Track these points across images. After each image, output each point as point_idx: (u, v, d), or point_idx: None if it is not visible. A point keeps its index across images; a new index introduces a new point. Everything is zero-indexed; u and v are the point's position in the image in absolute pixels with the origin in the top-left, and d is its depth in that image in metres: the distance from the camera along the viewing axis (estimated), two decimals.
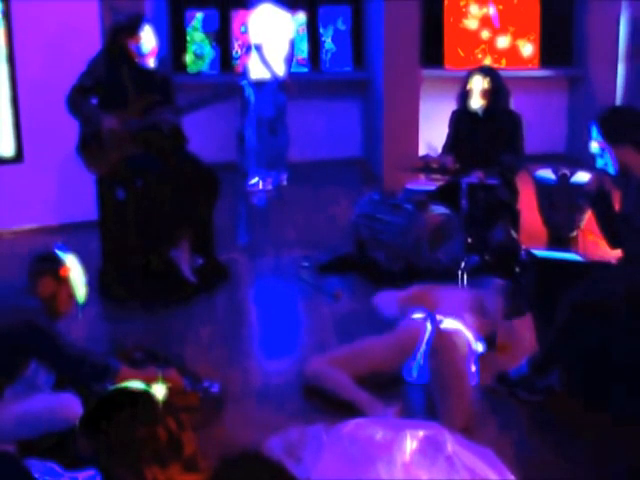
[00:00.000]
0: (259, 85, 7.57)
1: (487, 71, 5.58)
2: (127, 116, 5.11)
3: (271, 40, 7.56)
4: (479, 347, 4.15)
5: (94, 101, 5.23)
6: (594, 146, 3.78)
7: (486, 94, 5.46)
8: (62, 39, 6.36)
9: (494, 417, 3.74)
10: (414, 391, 4.02)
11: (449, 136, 5.72)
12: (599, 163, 3.80)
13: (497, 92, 5.47)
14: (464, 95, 5.53)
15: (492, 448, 3.16)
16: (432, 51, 8.55)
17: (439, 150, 5.56)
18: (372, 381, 3.89)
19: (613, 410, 3.65)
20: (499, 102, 5.49)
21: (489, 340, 4.29)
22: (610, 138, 3.71)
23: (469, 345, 4.05)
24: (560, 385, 3.83)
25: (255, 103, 7.63)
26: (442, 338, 3.88)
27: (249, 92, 7.59)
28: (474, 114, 5.54)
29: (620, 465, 3.35)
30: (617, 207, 3.89)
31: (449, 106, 5.77)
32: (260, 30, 7.54)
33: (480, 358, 4.13)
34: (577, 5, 8.82)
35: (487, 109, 5.49)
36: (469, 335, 4.08)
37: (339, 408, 3.68)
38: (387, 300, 4.55)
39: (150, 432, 1.97)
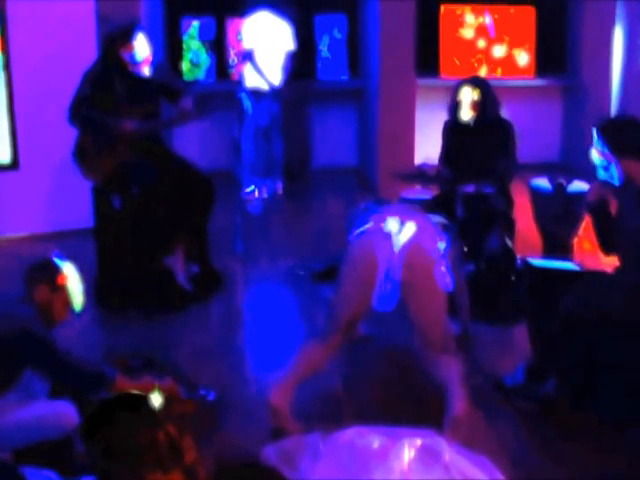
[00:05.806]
0: (256, 95, 7.57)
1: (476, 82, 5.55)
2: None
3: (265, 48, 7.56)
4: (442, 246, 3.88)
5: None
6: (596, 157, 3.72)
7: (476, 105, 5.45)
8: (58, 47, 6.36)
9: (490, 425, 3.73)
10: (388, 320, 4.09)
11: (443, 147, 5.73)
12: (601, 174, 3.75)
13: (487, 103, 5.46)
14: (454, 107, 5.53)
15: (489, 456, 3.16)
16: (428, 60, 8.57)
17: (435, 162, 5.58)
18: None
19: (609, 415, 3.65)
20: (489, 112, 5.48)
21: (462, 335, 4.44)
22: (615, 149, 3.66)
23: (435, 247, 3.83)
24: (556, 392, 3.83)
25: (252, 113, 7.63)
26: (413, 252, 3.69)
27: (247, 104, 7.60)
28: (466, 125, 5.54)
29: (617, 469, 3.35)
30: (614, 213, 3.88)
31: (444, 115, 5.77)
32: (253, 37, 7.55)
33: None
34: (572, 15, 8.86)
35: (478, 120, 5.49)
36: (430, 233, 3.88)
37: (336, 416, 3.68)
38: None
39: (151, 437, 1.96)
